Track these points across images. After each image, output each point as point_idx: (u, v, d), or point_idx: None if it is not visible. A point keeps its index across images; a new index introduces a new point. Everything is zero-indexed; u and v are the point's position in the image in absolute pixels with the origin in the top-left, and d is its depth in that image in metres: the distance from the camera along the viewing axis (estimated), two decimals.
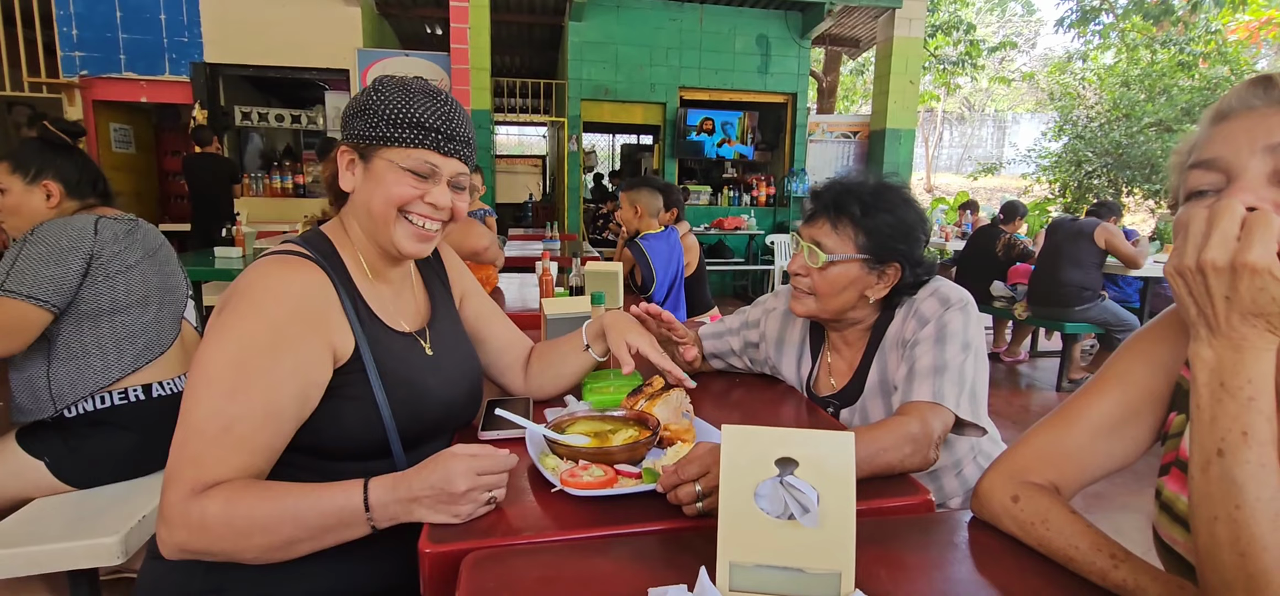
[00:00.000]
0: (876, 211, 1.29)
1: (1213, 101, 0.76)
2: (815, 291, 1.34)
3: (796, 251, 1.37)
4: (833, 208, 1.32)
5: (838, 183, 1.35)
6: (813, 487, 0.70)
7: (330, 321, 1.00)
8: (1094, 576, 0.76)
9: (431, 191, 1.06)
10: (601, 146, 14.44)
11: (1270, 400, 0.63)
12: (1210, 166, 0.68)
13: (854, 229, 1.30)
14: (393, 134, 1.02)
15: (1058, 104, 13.78)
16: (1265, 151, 0.64)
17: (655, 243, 3.27)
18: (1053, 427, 0.89)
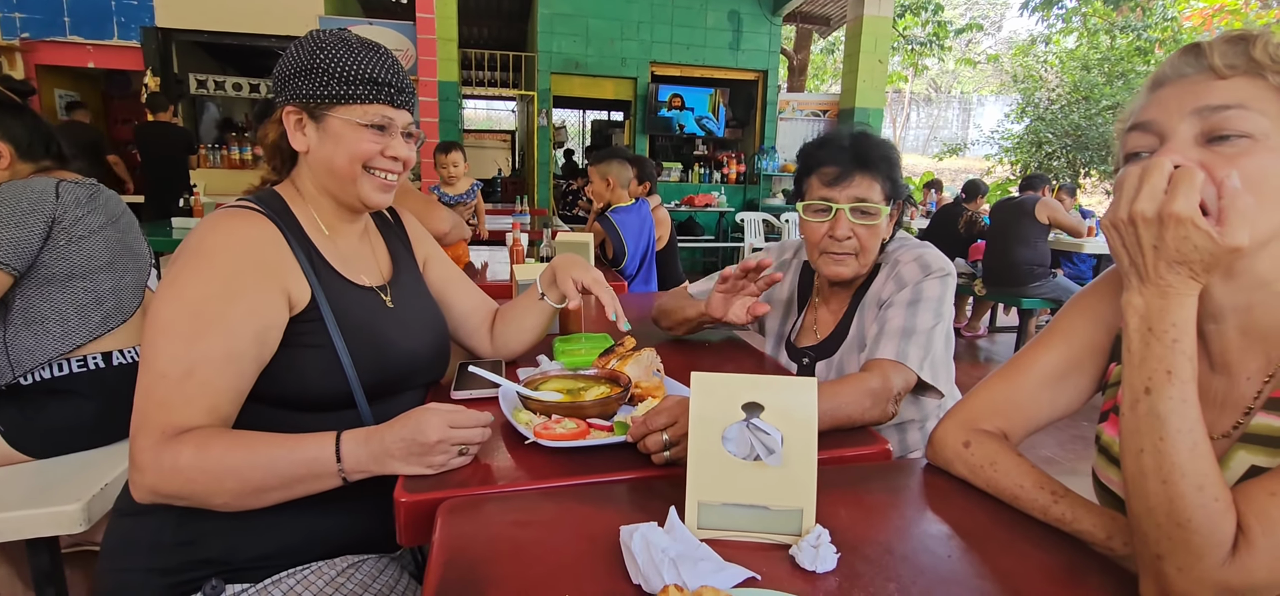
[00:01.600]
0: (887, 156, 1.35)
1: None
2: (861, 250, 1.36)
3: (833, 217, 1.35)
4: (863, 163, 1.33)
5: (845, 138, 1.37)
6: (777, 430, 0.73)
7: (283, 269, 1.00)
8: (1037, 512, 0.82)
9: (391, 144, 1.09)
10: (572, 122, 14.30)
11: (1192, 342, 0.68)
12: (1145, 129, 0.73)
13: (881, 179, 1.34)
14: (347, 91, 1.03)
15: (1021, 86, 14.07)
16: (1193, 114, 0.68)
17: (626, 215, 3.28)
18: (1002, 380, 0.95)
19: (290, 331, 1.00)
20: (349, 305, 1.07)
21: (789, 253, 1.64)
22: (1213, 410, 0.78)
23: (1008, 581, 0.71)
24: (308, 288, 1.03)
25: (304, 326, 1.02)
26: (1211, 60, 0.67)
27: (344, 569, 1.03)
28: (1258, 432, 0.74)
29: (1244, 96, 0.66)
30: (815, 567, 0.70)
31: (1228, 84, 0.67)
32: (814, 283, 1.52)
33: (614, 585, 0.67)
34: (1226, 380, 0.78)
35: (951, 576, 0.71)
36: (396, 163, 1.11)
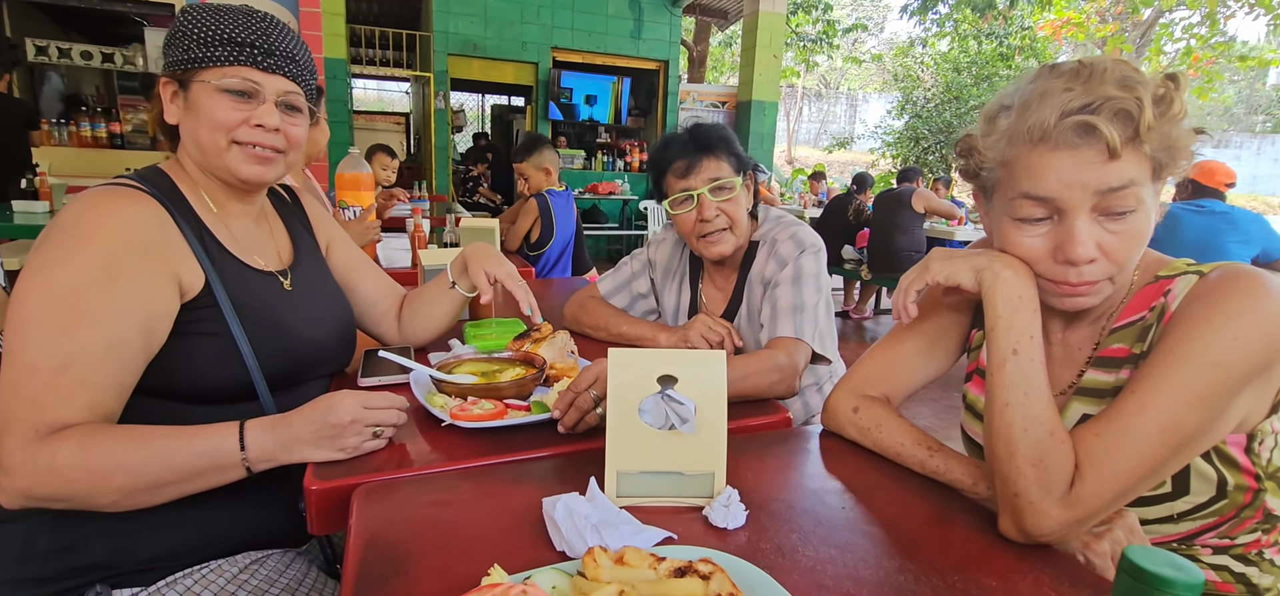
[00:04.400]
0: (722, 137, 1.46)
1: None
2: (732, 223, 1.46)
3: (697, 203, 1.44)
4: (705, 148, 1.44)
5: (683, 134, 1.48)
6: (690, 400, 0.78)
7: (171, 252, 0.93)
8: (915, 465, 0.92)
9: (257, 112, 0.99)
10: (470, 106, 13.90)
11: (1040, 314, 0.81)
12: (1044, 202, 0.79)
13: (725, 156, 1.45)
14: (206, 54, 0.96)
15: (901, 85, 15.12)
16: (1092, 194, 0.76)
17: (558, 200, 3.28)
18: (883, 351, 1.05)
19: (182, 319, 0.94)
20: (247, 290, 1.01)
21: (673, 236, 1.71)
22: (1055, 372, 0.92)
23: (893, 526, 0.79)
24: (200, 272, 0.96)
25: (198, 313, 0.95)
26: (1108, 140, 0.73)
27: (246, 566, 0.99)
28: (1088, 387, 0.88)
29: (1133, 174, 0.75)
30: (727, 524, 0.75)
31: (1120, 164, 0.74)
32: (702, 262, 1.61)
33: (539, 553, 0.69)
34: (1064, 349, 0.92)
35: (845, 524, 0.79)
36: (270, 134, 1.01)
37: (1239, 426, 0.82)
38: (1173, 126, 0.75)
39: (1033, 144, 0.78)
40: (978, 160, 0.86)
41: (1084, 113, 0.73)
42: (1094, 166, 0.75)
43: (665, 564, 0.61)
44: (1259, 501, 0.85)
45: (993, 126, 0.84)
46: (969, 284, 0.85)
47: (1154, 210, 0.79)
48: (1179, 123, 0.75)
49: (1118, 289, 0.86)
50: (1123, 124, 0.73)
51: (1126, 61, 0.77)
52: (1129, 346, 0.86)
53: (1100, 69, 0.76)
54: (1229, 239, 3.40)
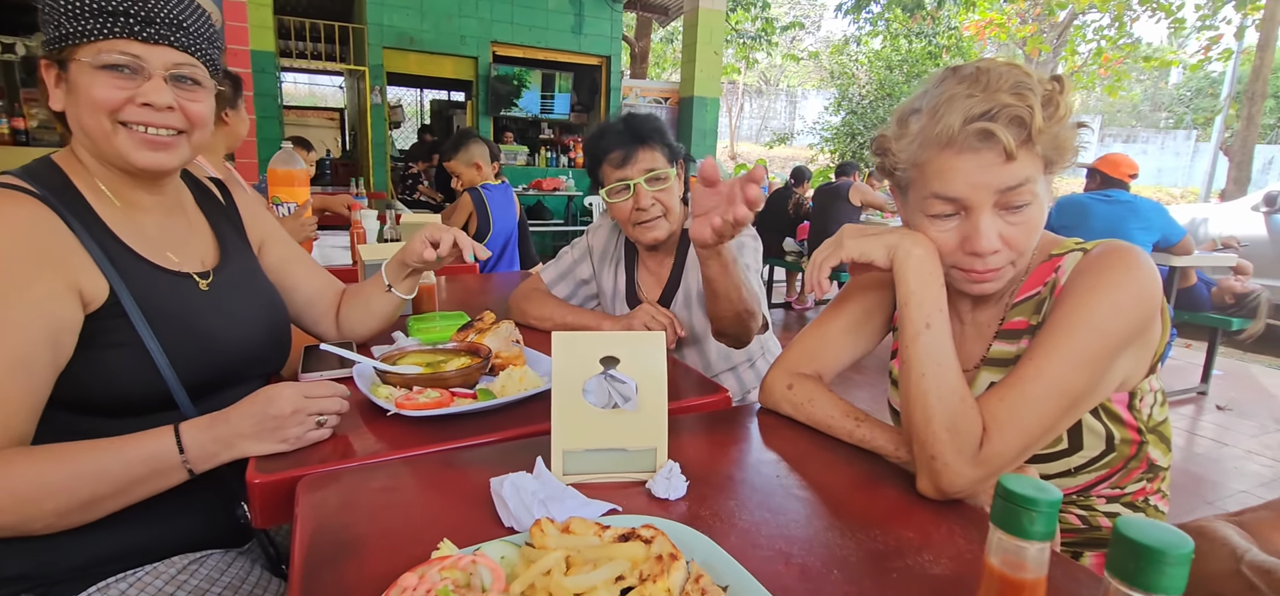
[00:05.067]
0: (656, 127, 1.52)
1: None
2: (666, 211, 1.52)
3: (633, 192, 1.49)
4: (640, 138, 1.49)
5: (618, 124, 1.52)
6: (632, 379, 0.82)
7: (67, 260, 0.85)
8: (845, 435, 0.98)
9: (142, 89, 0.89)
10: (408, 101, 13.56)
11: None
12: (952, 201, 0.87)
13: (660, 147, 1.50)
14: (78, 28, 0.86)
15: (837, 82, 15.58)
16: (994, 193, 0.84)
17: (494, 193, 3.25)
18: (814, 332, 1.12)
19: (88, 331, 0.87)
20: (158, 295, 0.94)
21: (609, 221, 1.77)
22: (966, 348, 1.00)
23: (823, 490, 0.85)
24: (103, 281, 0.88)
25: (105, 324, 0.88)
26: (1005, 145, 0.81)
27: (184, 567, 0.97)
28: (994, 357, 0.97)
29: (1028, 172, 0.83)
30: (669, 495, 0.79)
31: (1016, 165, 0.82)
32: (636, 247, 1.68)
33: (488, 529, 0.72)
34: (974, 327, 1.01)
35: (780, 490, 0.84)
36: (161, 113, 0.91)
37: (1121, 385, 0.92)
38: (1060, 127, 0.83)
39: (941, 148, 0.85)
40: (892, 160, 0.93)
41: (984, 120, 0.81)
42: (994, 168, 0.83)
43: (610, 531, 0.65)
44: (1142, 453, 0.95)
45: (904, 129, 0.91)
46: (881, 261, 0.91)
47: (1047, 200, 0.88)
48: (1065, 123, 0.84)
49: (1018, 271, 0.94)
50: (1017, 129, 0.81)
51: (1019, 66, 0.85)
52: (1027, 319, 0.94)
53: (997, 74, 0.83)
54: (1132, 225, 3.67)
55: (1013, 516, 0.37)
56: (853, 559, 0.70)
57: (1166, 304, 0.90)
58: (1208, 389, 4.21)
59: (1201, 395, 4.17)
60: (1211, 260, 4.23)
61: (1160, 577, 0.32)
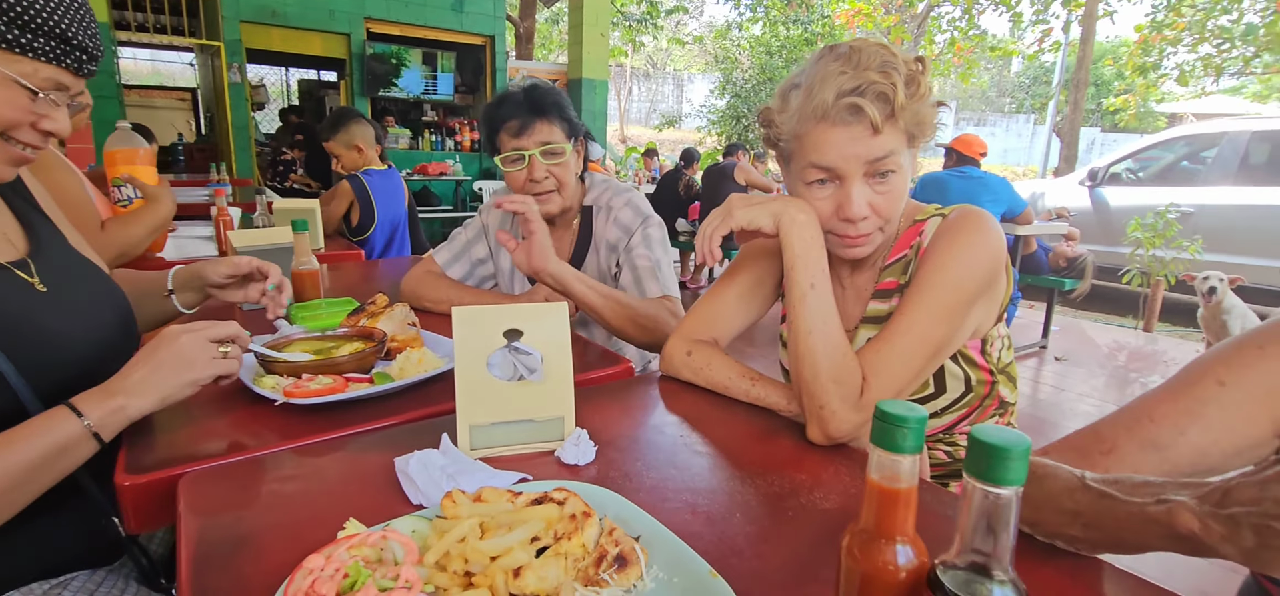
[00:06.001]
0: (557, 102, 1.51)
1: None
2: (560, 185, 1.52)
3: (528, 163, 1.48)
4: (539, 110, 1.48)
5: (519, 93, 1.50)
6: (537, 350, 0.82)
7: None
8: (741, 395, 1.04)
9: (51, 115, 0.86)
10: (272, 81, 12.53)
11: None
12: (827, 170, 0.94)
13: (559, 121, 1.50)
14: (17, 39, 0.80)
15: (721, 66, 16.03)
16: (864, 164, 0.92)
17: (379, 180, 3.03)
18: (709, 301, 1.17)
19: None
20: None
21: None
22: (847, 309, 1.09)
23: (723, 445, 0.90)
24: None
25: None
26: (872, 119, 0.88)
27: (44, 594, 0.87)
28: (871, 316, 1.06)
29: (893, 145, 0.91)
30: (578, 461, 0.81)
31: (882, 137, 0.90)
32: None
33: (396, 509, 0.70)
34: (853, 290, 1.10)
35: (685, 448, 0.88)
36: (47, 139, 0.88)
37: (975, 333, 1.04)
38: (921, 104, 0.92)
39: (817, 121, 0.92)
40: (775, 132, 1.00)
41: (853, 95, 0.88)
42: (863, 141, 0.90)
43: (522, 497, 0.66)
44: (995, 391, 1.08)
45: (786, 103, 0.98)
46: (768, 227, 0.97)
47: (910, 171, 0.97)
48: (926, 101, 0.92)
49: (888, 236, 1.03)
50: (882, 104, 0.89)
51: (887, 46, 0.93)
52: (897, 279, 1.04)
53: (867, 53, 0.91)
54: (984, 199, 4.08)
55: (888, 433, 0.42)
56: (753, 502, 0.75)
57: (1010, 260, 1.02)
58: (1047, 343, 4.78)
59: (1042, 349, 4.72)
60: (1047, 229, 4.78)
61: (1006, 471, 0.38)
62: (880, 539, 0.44)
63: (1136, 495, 0.55)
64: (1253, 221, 5.68)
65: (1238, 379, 0.66)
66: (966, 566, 0.41)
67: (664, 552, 0.61)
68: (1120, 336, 5.24)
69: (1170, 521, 0.51)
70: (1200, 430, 0.67)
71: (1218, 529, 0.48)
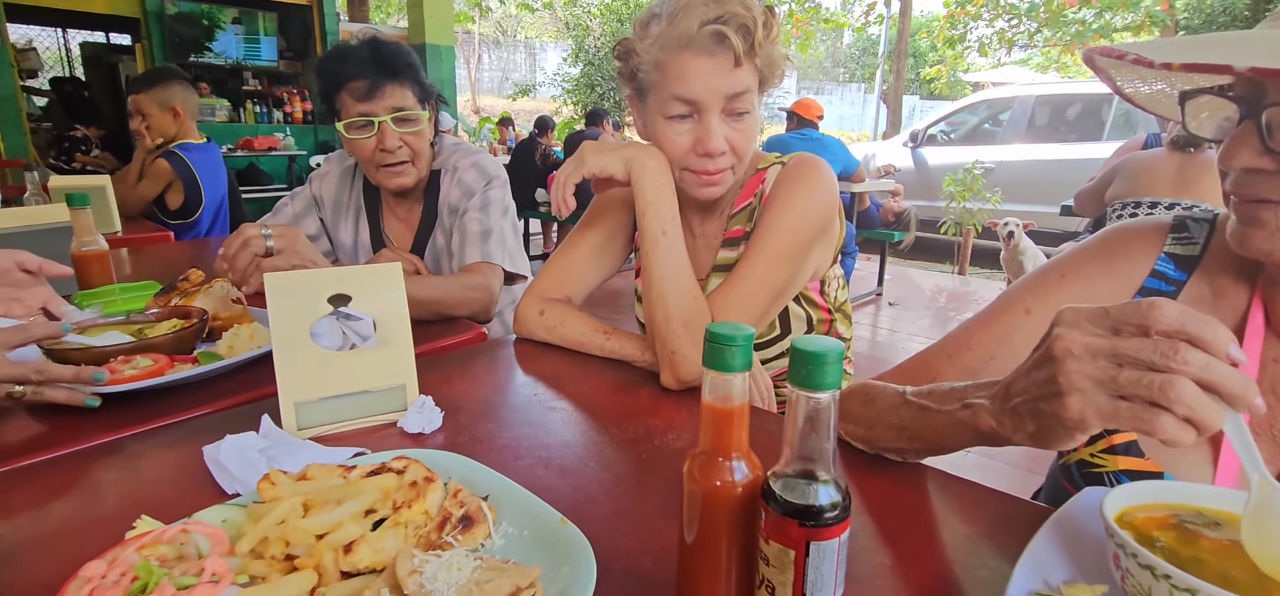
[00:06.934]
0: (409, 62, 1.36)
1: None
2: (414, 157, 1.38)
3: (379, 131, 1.32)
4: (390, 72, 1.32)
5: (363, 50, 1.33)
6: (367, 315, 0.76)
7: None
8: (596, 349, 1.04)
9: None
10: (45, 44, 10.62)
11: None
12: (688, 102, 0.94)
13: (411, 84, 1.35)
14: None
15: (573, 34, 15.81)
16: (723, 98, 0.92)
17: (200, 155, 2.59)
18: (561, 257, 1.15)
19: None
20: None
21: (347, 162, 1.58)
22: (698, 258, 1.11)
23: (580, 399, 0.89)
24: None
25: None
26: (735, 49, 0.88)
27: None
28: (721, 263, 1.09)
29: (748, 82, 0.92)
30: (423, 429, 0.76)
31: (741, 72, 0.91)
32: (379, 192, 1.53)
33: (206, 501, 0.62)
34: (703, 239, 1.12)
35: (539, 407, 0.86)
36: None
37: (814, 275, 1.10)
38: (773, 47, 0.94)
39: (681, 49, 0.91)
40: (635, 62, 0.98)
41: (717, 23, 0.89)
42: (724, 73, 0.91)
43: (356, 471, 0.60)
44: (833, 329, 1.16)
45: (646, 33, 0.96)
46: (620, 174, 0.96)
47: (758, 115, 1.00)
48: (778, 45, 0.95)
49: (736, 182, 1.06)
50: (744, 37, 0.90)
51: None
52: (743, 227, 1.08)
53: None
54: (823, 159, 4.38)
55: (717, 354, 0.42)
56: (607, 450, 0.75)
57: (842, 206, 1.09)
58: (882, 290, 5.27)
59: (878, 296, 5.19)
60: (877, 186, 5.24)
61: (824, 376, 0.40)
62: (717, 458, 0.45)
63: (947, 403, 0.61)
64: (1039, 174, 6.59)
65: (1042, 307, 0.75)
66: (796, 473, 0.43)
67: (513, 508, 0.59)
68: (940, 281, 5.89)
69: (974, 422, 0.57)
70: (1008, 354, 0.75)
71: (1007, 422, 0.53)
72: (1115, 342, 0.44)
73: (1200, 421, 0.42)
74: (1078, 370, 0.45)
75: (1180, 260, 0.71)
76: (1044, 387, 0.48)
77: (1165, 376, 0.42)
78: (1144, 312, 0.44)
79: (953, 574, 0.55)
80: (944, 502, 0.66)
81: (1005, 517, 0.62)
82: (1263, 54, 0.47)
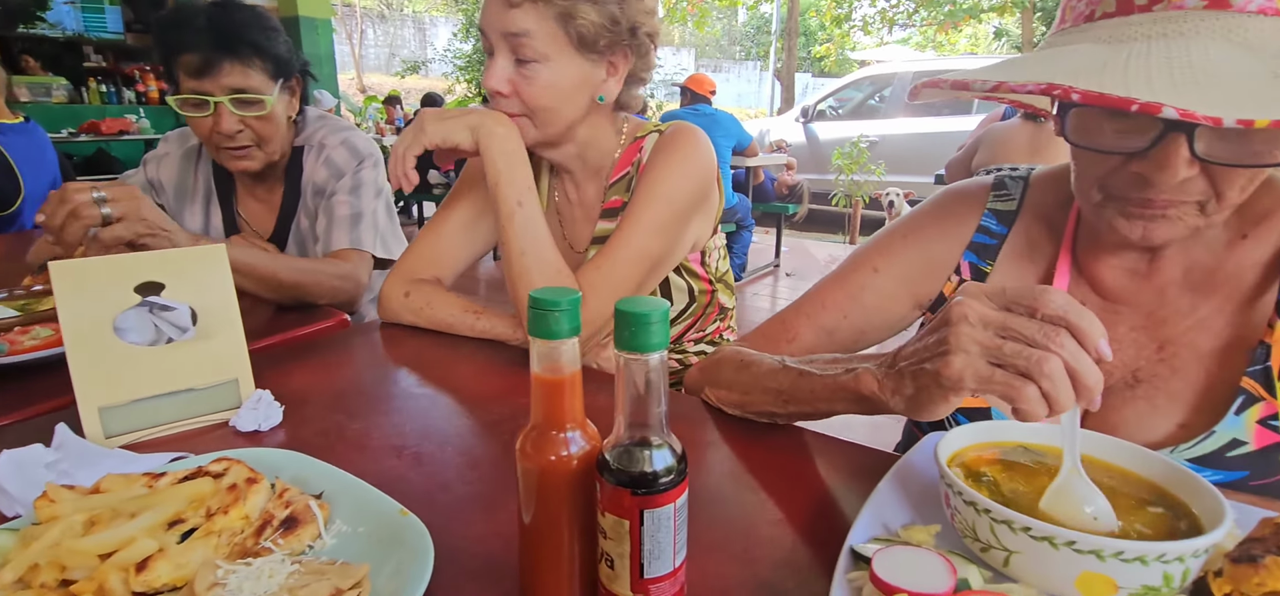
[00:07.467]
0: (253, 39, 1.20)
1: None
2: (261, 141, 1.24)
3: (215, 113, 1.17)
4: (228, 46, 1.17)
5: (201, 17, 1.17)
6: (184, 304, 0.68)
7: None
8: (466, 330, 0.99)
9: None
10: None
11: None
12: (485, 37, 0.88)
13: (256, 60, 1.19)
14: None
15: (462, 7, 15.21)
16: (501, 37, 0.86)
17: (17, 138, 2.26)
18: (428, 234, 1.09)
19: None
20: None
21: (192, 141, 1.41)
22: (578, 230, 1.08)
23: (445, 383, 0.84)
24: None
25: None
26: None
27: None
28: (600, 235, 1.06)
29: (529, 25, 0.85)
30: (259, 426, 0.69)
31: (519, 12, 0.85)
32: (232, 176, 1.39)
33: None
34: (582, 208, 1.08)
35: (399, 394, 0.80)
36: None
37: (694, 246, 1.09)
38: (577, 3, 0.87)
39: None
40: None
41: None
42: (501, 10, 0.86)
43: (167, 477, 0.54)
44: (715, 299, 1.16)
45: None
46: (465, 143, 0.91)
47: (572, 75, 0.90)
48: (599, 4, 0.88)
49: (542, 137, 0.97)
50: None
51: None
52: (622, 197, 1.05)
53: None
54: (717, 134, 4.44)
55: (543, 321, 0.39)
56: (469, 434, 0.71)
57: (739, 180, 1.08)
58: (779, 262, 5.44)
59: (776, 268, 5.36)
60: (771, 160, 5.39)
61: (650, 337, 0.38)
62: (550, 431, 0.42)
63: (830, 369, 0.63)
64: (917, 146, 7.01)
65: (888, 265, 0.78)
66: (631, 441, 0.41)
67: (350, 504, 0.54)
68: (833, 250, 6.16)
69: (856, 385, 0.58)
70: (860, 312, 0.78)
71: (889, 384, 0.55)
72: (1006, 317, 0.47)
73: (1056, 400, 0.44)
74: (968, 334, 0.47)
75: (1001, 215, 0.76)
76: (934, 348, 0.50)
77: (1042, 352, 0.44)
78: (1035, 296, 0.46)
79: (806, 526, 0.56)
80: (805, 459, 0.67)
81: (865, 469, 0.64)
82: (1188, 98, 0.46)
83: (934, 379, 0.49)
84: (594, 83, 0.93)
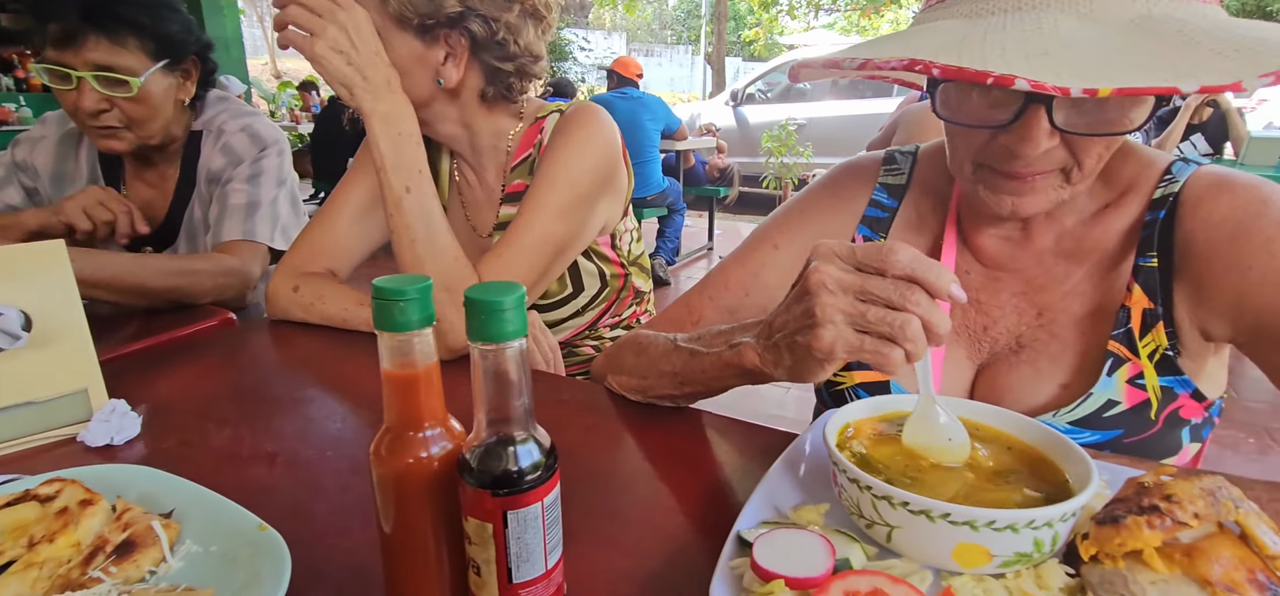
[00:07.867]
0: (128, 14, 1.09)
1: None
2: (132, 124, 1.13)
3: (77, 89, 1.06)
4: (96, 19, 1.06)
5: None
6: (14, 309, 0.60)
7: None
8: (361, 325, 0.93)
9: None
10: None
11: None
12: None
13: (131, 37, 1.09)
14: None
15: None
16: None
17: None
18: (318, 224, 1.02)
19: None
20: None
21: (71, 123, 1.28)
22: (481, 215, 1.03)
23: (333, 383, 0.79)
24: None
25: None
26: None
27: None
28: (504, 221, 1.02)
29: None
30: (113, 440, 0.62)
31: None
32: (121, 161, 1.27)
33: None
34: (485, 192, 1.03)
35: (281, 396, 0.75)
36: None
37: (603, 229, 1.06)
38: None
39: None
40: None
41: None
42: None
43: None
44: (629, 283, 1.14)
45: None
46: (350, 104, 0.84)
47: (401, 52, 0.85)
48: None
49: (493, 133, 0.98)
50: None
51: None
52: (524, 180, 1.01)
53: None
54: (644, 117, 4.42)
55: (388, 312, 0.36)
56: (351, 437, 0.66)
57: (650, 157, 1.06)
58: (713, 245, 5.49)
59: (709, 251, 5.41)
60: (700, 143, 5.42)
61: (501, 325, 0.35)
62: (407, 432, 0.39)
63: (715, 345, 0.61)
64: (842, 128, 7.19)
65: (788, 241, 0.77)
66: (492, 439, 0.38)
67: (204, 521, 0.49)
68: None
69: (739, 360, 0.58)
70: (761, 290, 0.77)
71: (769, 357, 0.55)
72: (861, 279, 0.47)
73: (915, 355, 0.46)
74: (831, 303, 0.48)
75: (892, 189, 0.77)
76: (801, 320, 0.50)
77: (903, 315, 0.45)
78: (883, 255, 0.46)
79: (700, 513, 0.54)
80: (702, 443, 0.66)
81: (765, 449, 0.63)
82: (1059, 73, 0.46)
83: (807, 351, 0.49)
84: (431, 64, 0.87)
